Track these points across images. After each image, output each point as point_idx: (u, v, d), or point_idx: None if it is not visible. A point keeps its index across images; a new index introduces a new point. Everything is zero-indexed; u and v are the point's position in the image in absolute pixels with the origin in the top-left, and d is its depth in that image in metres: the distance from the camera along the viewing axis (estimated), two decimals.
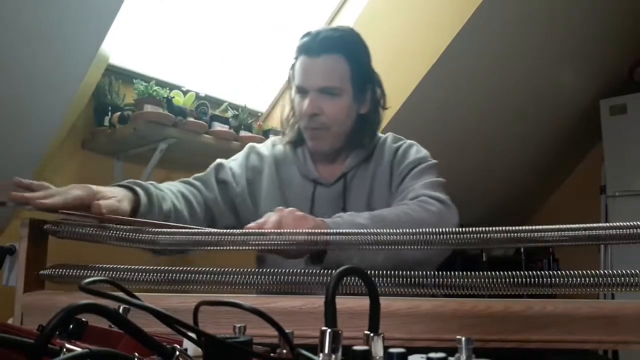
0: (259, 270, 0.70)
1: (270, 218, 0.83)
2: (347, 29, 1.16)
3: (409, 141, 1.22)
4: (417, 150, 1.18)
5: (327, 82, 1.10)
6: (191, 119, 1.85)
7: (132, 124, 1.72)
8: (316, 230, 0.73)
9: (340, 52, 1.10)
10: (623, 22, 2.94)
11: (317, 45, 1.10)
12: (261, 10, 2.28)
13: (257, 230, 0.76)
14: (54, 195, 0.77)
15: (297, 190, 1.15)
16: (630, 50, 3.30)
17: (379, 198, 1.13)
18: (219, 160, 1.20)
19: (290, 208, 0.85)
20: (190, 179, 1.15)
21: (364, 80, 1.14)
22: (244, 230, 0.75)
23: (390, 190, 1.14)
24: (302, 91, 1.13)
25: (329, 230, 0.73)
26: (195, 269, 0.71)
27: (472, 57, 2.46)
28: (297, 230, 0.73)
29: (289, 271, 0.68)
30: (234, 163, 1.20)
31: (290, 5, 2.34)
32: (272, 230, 0.75)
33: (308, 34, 1.14)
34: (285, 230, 0.74)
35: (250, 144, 1.25)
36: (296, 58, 1.15)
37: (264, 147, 1.23)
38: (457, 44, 2.30)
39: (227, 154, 2.05)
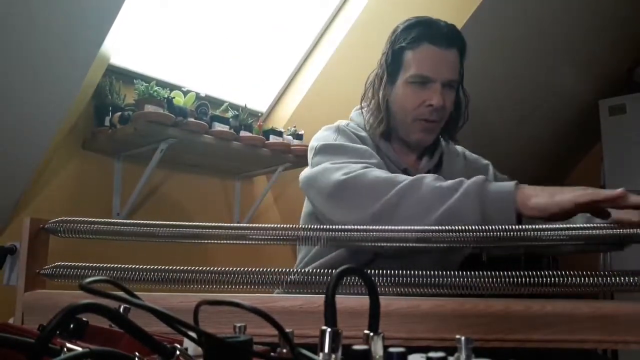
0: (258, 270, 0.70)
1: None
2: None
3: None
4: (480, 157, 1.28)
5: (453, 75, 1.11)
6: (191, 119, 1.85)
7: (132, 124, 1.73)
8: None
9: (458, 47, 1.12)
10: (622, 22, 2.94)
11: (446, 37, 1.09)
12: (261, 10, 2.28)
13: None
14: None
15: None
16: (629, 50, 3.30)
17: None
18: (364, 147, 1.07)
19: None
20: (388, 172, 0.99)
21: (463, 75, 1.18)
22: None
23: None
24: (423, 80, 1.08)
25: None
26: (195, 268, 0.71)
27: (470, 57, 2.46)
28: None
29: (288, 271, 0.69)
30: (363, 147, 1.07)
31: (290, 5, 2.35)
32: None
33: (426, 22, 1.11)
34: None
35: (338, 126, 1.13)
36: (412, 45, 1.09)
37: (357, 130, 1.14)
38: None
39: (228, 154, 2.07)
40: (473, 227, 0.70)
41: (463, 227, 0.71)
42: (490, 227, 0.70)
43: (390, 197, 0.86)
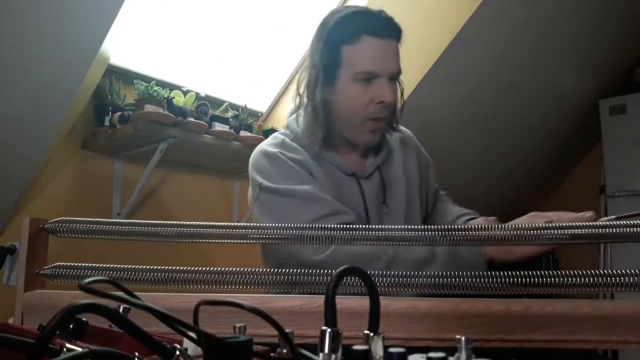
0: (258, 270, 0.70)
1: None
2: None
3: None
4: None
5: (397, 67, 1.03)
6: (191, 119, 1.86)
7: (132, 124, 1.73)
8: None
9: (397, 36, 1.03)
10: (622, 22, 2.94)
11: (384, 27, 1.01)
12: (261, 10, 2.28)
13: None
14: None
15: (344, 186, 1.06)
16: (629, 50, 3.30)
17: (414, 191, 1.13)
18: (308, 189, 0.98)
19: None
20: (348, 218, 0.97)
21: None
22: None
23: (420, 185, 1.15)
24: (370, 77, 1.00)
25: None
26: (195, 268, 0.71)
27: (471, 57, 2.46)
28: None
29: (288, 271, 0.68)
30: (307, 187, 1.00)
31: (290, 5, 2.35)
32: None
33: (361, 13, 1.02)
34: None
35: (275, 155, 1.04)
36: (350, 40, 1.00)
37: (294, 149, 1.06)
38: (458, 43, 2.30)
39: (227, 154, 2.07)
40: (474, 226, 0.70)
41: (464, 226, 0.71)
42: (492, 226, 0.69)
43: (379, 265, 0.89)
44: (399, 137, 1.17)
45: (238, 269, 0.70)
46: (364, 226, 0.73)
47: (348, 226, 0.71)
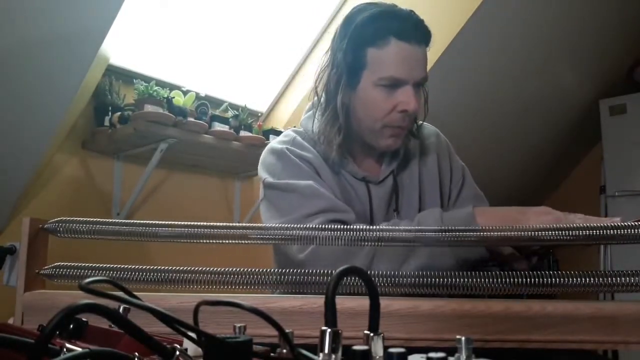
0: (258, 270, 0.70)
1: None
2: None
3: (440, 133, 1.18)
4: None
5: (424, 73, 0.97)
6: (191, 119, 1.86)
7: (132, 124, 1.73)
8: None
9: (427, 42, 0.98)
10: (622, 22, 2.94)
11: (415, 32, 0.95)
12: (261, 10, 2.28)
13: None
14: None
15: (352, 190, 1.03)
16: (629, 50, 3.30)
17: (432, 199, 1.07)
18: (310, 184, 0.96)
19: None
20: (346, 216, 0.93)
21: None
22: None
23: (441, 191, 1.09)
24: (395, 83, 0.95)
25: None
26: (195, 268, 0.71)
27: (471, 56, 2.46)
28: None
29: (288, 271, 0.69)
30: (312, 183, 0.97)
31: (290, 5, 2.35)
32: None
33: (390, 14, 0.95)
34: None
35: (282, 151, 1.02)
36: (377, 42, 0.94)
37: (303, 147, 1.03)
38: (458, 43, 2.30)
39: (227, 154, 2.07)
40: (476, 227, 0.70)
41: (465, 227, 0.71)
42: (492, 227, 0.69)
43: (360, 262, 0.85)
44: (419, 142, 1.12)
45: (238, 269, 0.70)
46: (346, 226, 0.71)
47: (331, 225, 0.72)
